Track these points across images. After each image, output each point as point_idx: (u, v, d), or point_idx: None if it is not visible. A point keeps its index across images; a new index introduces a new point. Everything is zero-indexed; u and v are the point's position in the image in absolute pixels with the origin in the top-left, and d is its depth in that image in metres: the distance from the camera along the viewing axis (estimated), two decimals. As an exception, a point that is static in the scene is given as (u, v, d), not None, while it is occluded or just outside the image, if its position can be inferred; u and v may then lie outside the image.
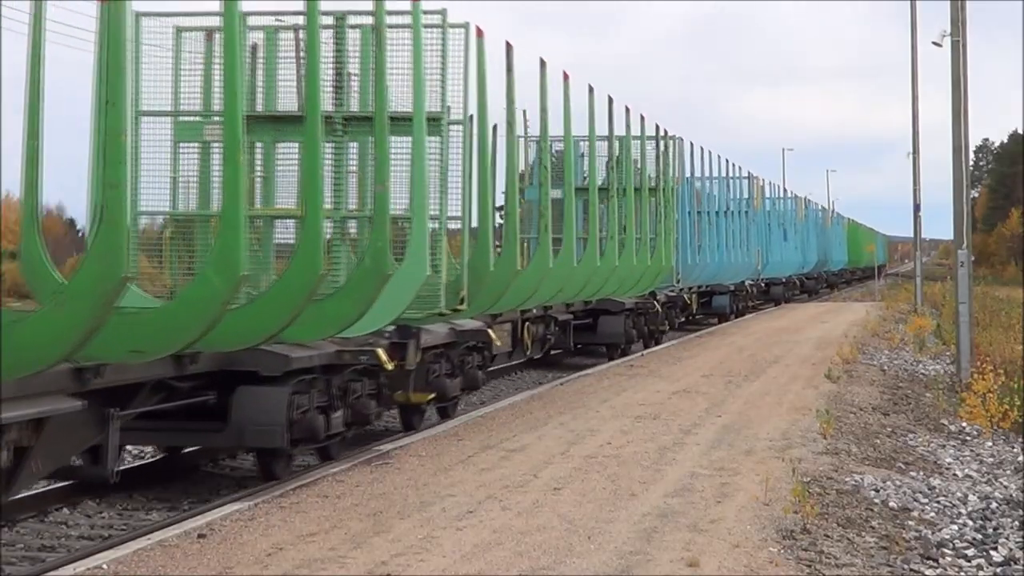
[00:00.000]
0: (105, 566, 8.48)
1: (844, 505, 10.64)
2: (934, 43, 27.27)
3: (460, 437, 14.28)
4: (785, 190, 59.64)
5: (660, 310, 29.94)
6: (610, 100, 24.24)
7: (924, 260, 52.42)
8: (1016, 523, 10.78)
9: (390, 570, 8.26)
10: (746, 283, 43.52)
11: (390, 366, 13.41)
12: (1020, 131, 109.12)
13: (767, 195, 51.92)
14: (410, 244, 13.66)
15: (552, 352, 25.34)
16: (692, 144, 36.44)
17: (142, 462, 13.98)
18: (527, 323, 22.11)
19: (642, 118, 27.68)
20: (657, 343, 29.73)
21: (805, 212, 63.59)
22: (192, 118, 13.97)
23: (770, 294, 51.46)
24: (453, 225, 15.34)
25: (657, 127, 28.96)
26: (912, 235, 47.61)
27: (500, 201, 22.62)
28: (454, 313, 15.27)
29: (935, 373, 23.51)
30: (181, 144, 13.95)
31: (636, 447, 13.30)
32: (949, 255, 36.36)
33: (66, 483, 11.70)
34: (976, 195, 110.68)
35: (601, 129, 24.65)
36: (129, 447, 13.72)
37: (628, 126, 26.18)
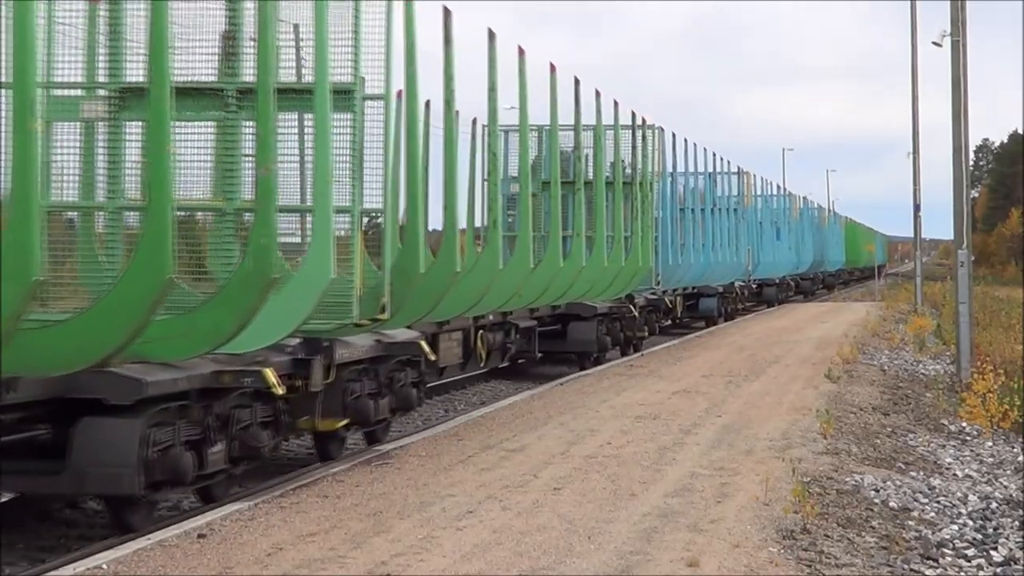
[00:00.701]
0: (105, 566, 8.48)
1: (844, 505, 10.64)
2: (934, 43, 27.31)
3: (460, 437, 14.28)
4: (778, 187, 56.96)
5: (638, 315, 27.53)
6: (576, 82, 22.01)
7: (924, 260, 52.23)
8: (1016, 523, 10.78)
9: (390, 570, 8.26)
10: (736, 284, 41.30)
11: (280, 389, 11.03)
12: (1020, 131, 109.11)
13: (758, 192, 49.47)
14: (311, 242, 11.59)
15: (518, 361, 23.81)
16: (674, 136, 33.87)
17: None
18: (481, 331, 19.85)
19: (615, 104, 25.43)
20: (636, 350, 27.72)
21: (800, 210, 61.58)
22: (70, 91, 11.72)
23: (763, 296, 49.42)
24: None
25: (633, 115, 26.89)
26: (912, 235, 47.59)
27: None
28: (374, 323, 12.85)
29: (935, 373, 23.51)
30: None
31: (636, 447, 13.30)
32: (949, 255, 36.38)
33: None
34: (976, 195, 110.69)
35: (569, 117, 22.45)
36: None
37: (599, 112, 23.63)
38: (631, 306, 27.04)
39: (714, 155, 39.13)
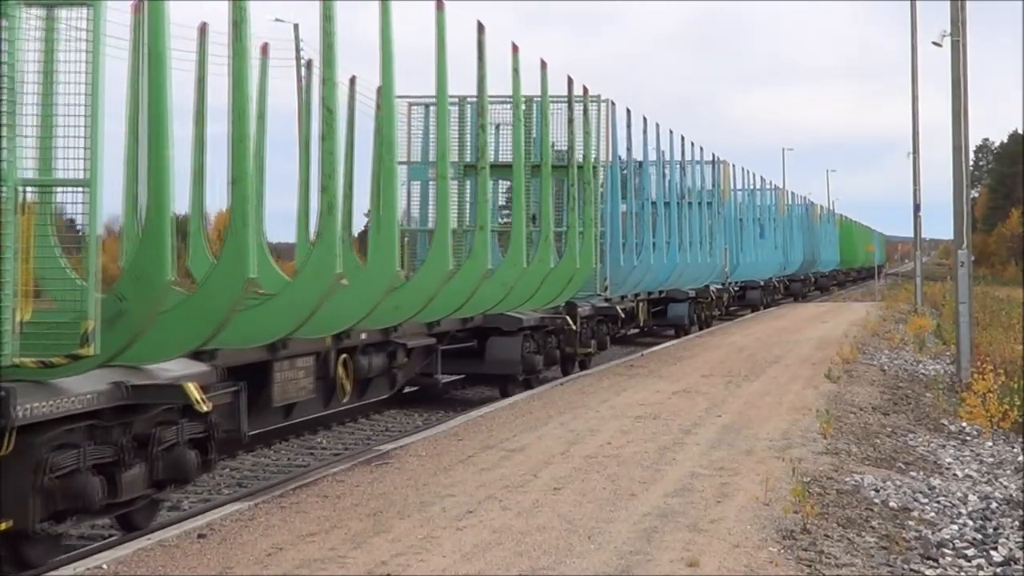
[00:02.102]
0: (105, 566, 8.48)
1: (844, 505, 10.64)
2: (934, 43, 27.29)
3: (460, 437, 14.28)
4: (763, 179, 50.87)
5: (578, 327, 22.41)
6: (480, 27, 17.32)
7: (924, 260, 52.02)
8: (1016, 523, 10.78)
9: (390, 570, 8.26)
10: (711, 288, 36.83)
11: None
12: (1020, 131, 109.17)
13: (739, 185, 44.75)
14: None
15: (411, 389, 19.69)
16: (630, 112, 27.59)
17: None
18: (345, 355, 15.45)
19: (543, 65, 20.41)
20: (583, 367, 23.47)
21: (788, 206, 57.35)
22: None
23: (746, 299, 45.91)
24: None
25: (570, 82, 21.77)
26: (912, 235, 47.58)
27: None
28: (70, 362, 8.42)
29: (935, 373, 23.51)
30: None
31: (636, 447, 13.30)
32: (949, 255, 36.32)
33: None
34: (976, 195, 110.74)
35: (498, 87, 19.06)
36: None
37: (515, 71, 18.59)
38: (566, 317, 21.97)
39: (682, 138, 33.61)
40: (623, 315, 26.11)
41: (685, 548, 8.78)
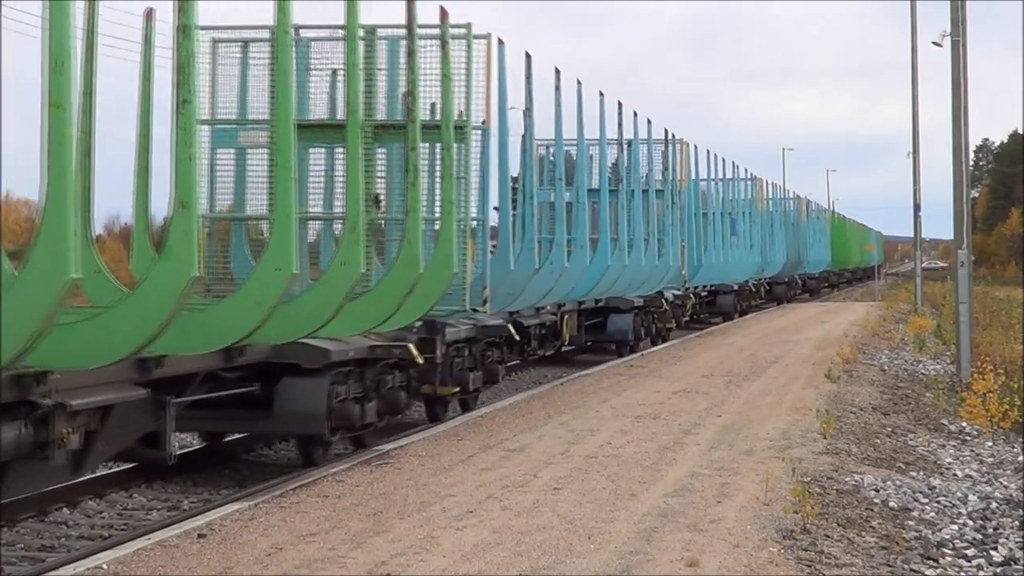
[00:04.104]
0: (105, 566, 8.48)
1: (844, 505, 10.64)
2: (934, 43, 27.34)
3: (460, 437, 14.28)
4: (735, 167, 43.87)
5: (440, 355, 16.02)
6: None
7: (924, 261, 51.74)
8: (1016, 523, 10.78)
9: (390, 570, 8.26)
10: (666, 294, 31.24)
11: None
12: (1020, 131, 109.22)
13: (704, 173, 38.08)
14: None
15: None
16: (529, 59, 20.15)
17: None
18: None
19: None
20: (466, 408, 17.65)
21: (768, 201, 50.99)
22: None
23: (717, 305, 40.21)
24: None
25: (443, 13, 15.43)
26: (912, 235, 47.59)
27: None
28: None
29: (935, 373, 23.52)
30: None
31: (636, 447, 13.30)
32: (949, 255, 36.32)
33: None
34: (976, 195, 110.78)
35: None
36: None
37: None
38: (410, 346, 15.44)
39: (619, 107, 27.17)
40: (516, 336, 19.37)
41: (685, 548, 8.78)
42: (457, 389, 16.81)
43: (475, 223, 16.76)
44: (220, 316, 11.42)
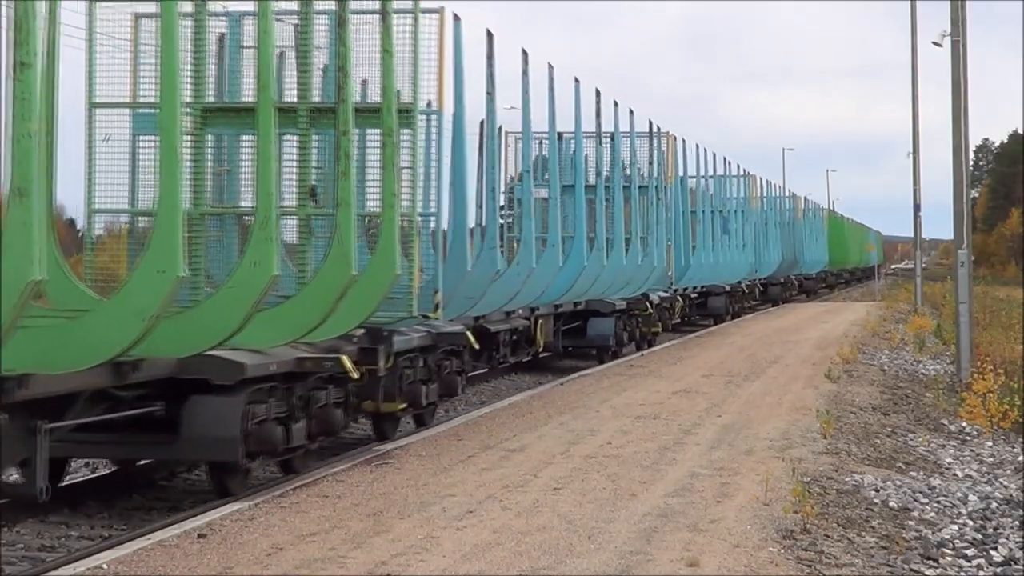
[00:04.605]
0: (105, 566, 8.48)
1: (844, 505, 10.64)
2: (934, 43, 27.38)
3: (460, 437, 14.28)
4: (727, 163, 42.06)
5: (386, 363, 14.20)
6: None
7: (924, 261, 51.61)
8: (1016, 523, 10.78)
9: (390, 570, 8.27)
10: (652, 297, 29.23)
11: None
12: (1020, 131, 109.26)
13: (691, 171, 36.13)
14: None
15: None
16: (491, 37, 18.15)
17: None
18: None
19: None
20: (421, 421, 16.06)
21: (761, 199, 49.03)
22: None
23: (708, 307, 38.72)
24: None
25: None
26: (912, 235, 47.58)
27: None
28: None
29: (935, 373, 23.52)
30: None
31: (636, 447, 13.30)
32: (949, 255, 36.29)
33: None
34: (976, 195, 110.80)
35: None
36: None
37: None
38: (343, 357, 13.71)
39: (597, 96, 25.18)
40: (475, 343, 17.22)
41: (685, 548, 8.78)
42: (404, 405, 14.82)
43: (426, 218, 14.86)
44: (92, 327, 9.75)
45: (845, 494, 11.11)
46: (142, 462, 12.92)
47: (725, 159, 41.57)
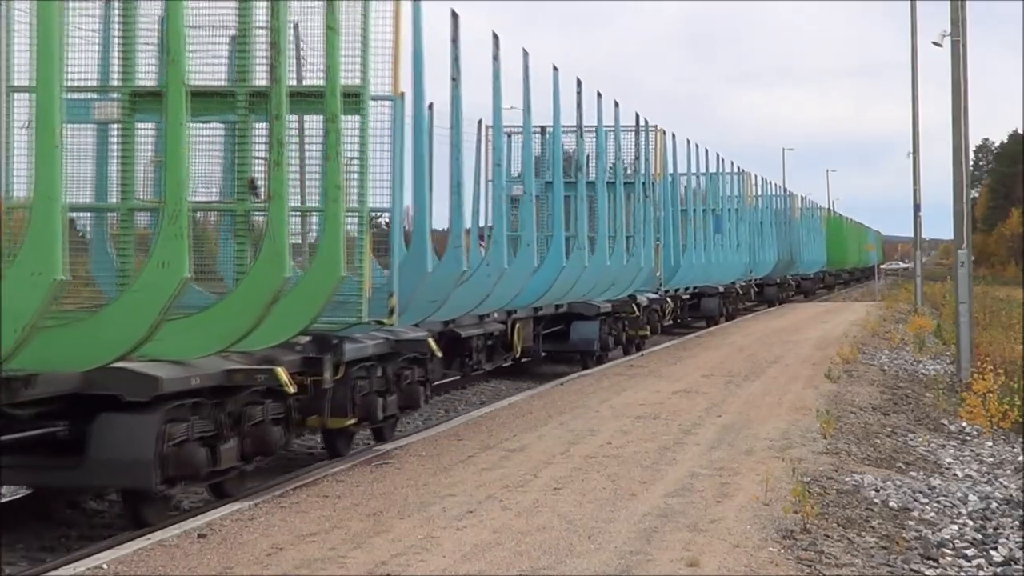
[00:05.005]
0: (105, 566, 8.48)
1: (844, 505, 10.64)
2: (934, 43, 27.38)
3: (460, 437, 14.28)
4: (720, 159, 40.57)
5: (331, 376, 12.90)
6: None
7: (924, 260, 51.55)
8: (1016, 523, 10.78)
9: (390, 570, 8.27)
10: (640, 298, 27.64)
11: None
12: (1020, 131, 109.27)
13: (681, 168, 34.91)
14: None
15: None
16: (456, 19, 16.47)
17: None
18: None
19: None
20: (387, 439, 14.69)
21: (757, 197, 47.92)
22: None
23: (701, 309, 37.60)
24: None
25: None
26: (912, 235, 47.57)
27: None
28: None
29: (935, 373, 23.52)
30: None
31: (636, 447, 13.30)
32: (949, 255, 36.27)
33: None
34: (976, 195, 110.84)
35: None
36: None
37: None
38: (277, 369, 12.32)
39: (578, 86, 22.94)
40: (437, 351, 15.23)
41: (685, 548, 8.78)
42: (354, 420, 13.27)
43: (380, 216, 13.94)
44: None
45: (845, 494, 11.11)
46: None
47: (718, 155, 40.38)
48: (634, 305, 26.99)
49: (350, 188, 12.00)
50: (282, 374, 11.13)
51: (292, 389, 11.33)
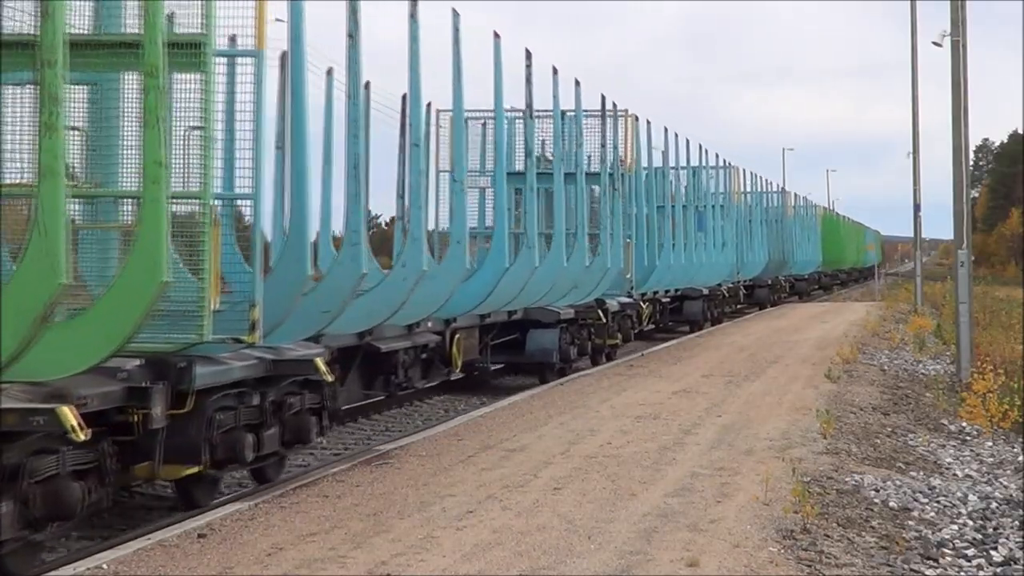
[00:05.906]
0: (105, 566, 8.48)
1: (844, 505, 10.65)
2: (934, 43, 27.37)
3: (460, 437, 14.28)
4: (703, 151, 37.27)
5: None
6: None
7: (924, 260, 51.48)
8: (1016, 523, 10.78)
9: (390, 570, 8.27)
10: (609, 303, 24.97)
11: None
12: (1020, 131, 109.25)
13: (659, 159, 32.23)
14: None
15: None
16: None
17: None
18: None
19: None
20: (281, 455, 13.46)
21: (746, 193, 45.12)
22: None
23: (684, 313, 34.99)
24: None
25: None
26: (912, 234, 47.56)
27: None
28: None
29: (935, 373, 23.52)
30: None
31: (636, 447, 13.31)
32: (949, 255, 36.25)
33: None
34: (976, 195, 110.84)
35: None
36: None
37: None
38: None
39: (528, 57, 19.57)
40: (329, 376, 12.39)
41: (685, 548, 8.78)
42: (197, 469, 10.53)
43: (230, 204, 11.19)
44: None
45: (845, 494, 11.11)
46: None
47: (700, 147, 37.04)
48: (600, 311, 24.35)
49: (189, 166, 9.69)
50: (68, 415, 8.43)
51: (81, 437, 8.49)
